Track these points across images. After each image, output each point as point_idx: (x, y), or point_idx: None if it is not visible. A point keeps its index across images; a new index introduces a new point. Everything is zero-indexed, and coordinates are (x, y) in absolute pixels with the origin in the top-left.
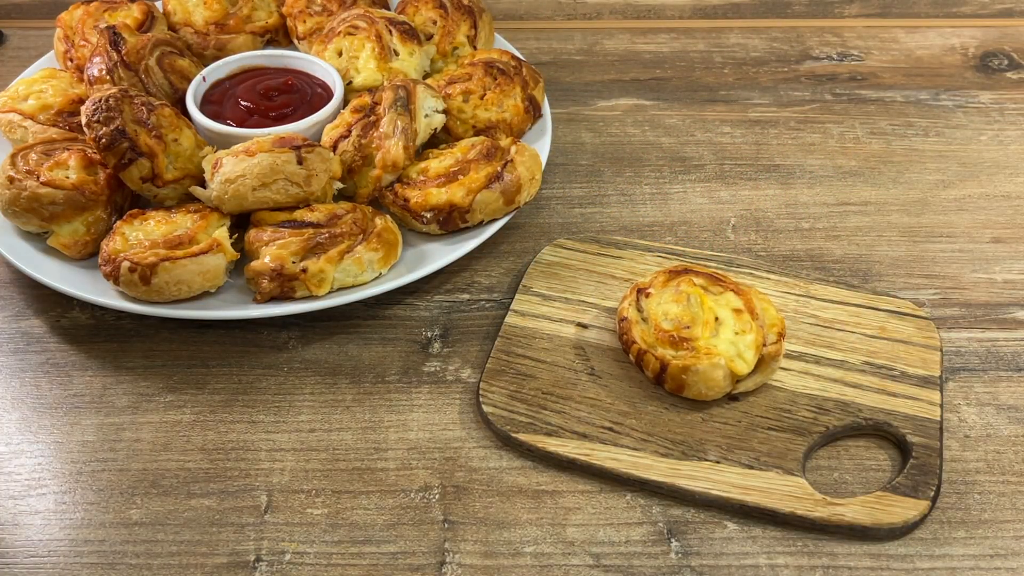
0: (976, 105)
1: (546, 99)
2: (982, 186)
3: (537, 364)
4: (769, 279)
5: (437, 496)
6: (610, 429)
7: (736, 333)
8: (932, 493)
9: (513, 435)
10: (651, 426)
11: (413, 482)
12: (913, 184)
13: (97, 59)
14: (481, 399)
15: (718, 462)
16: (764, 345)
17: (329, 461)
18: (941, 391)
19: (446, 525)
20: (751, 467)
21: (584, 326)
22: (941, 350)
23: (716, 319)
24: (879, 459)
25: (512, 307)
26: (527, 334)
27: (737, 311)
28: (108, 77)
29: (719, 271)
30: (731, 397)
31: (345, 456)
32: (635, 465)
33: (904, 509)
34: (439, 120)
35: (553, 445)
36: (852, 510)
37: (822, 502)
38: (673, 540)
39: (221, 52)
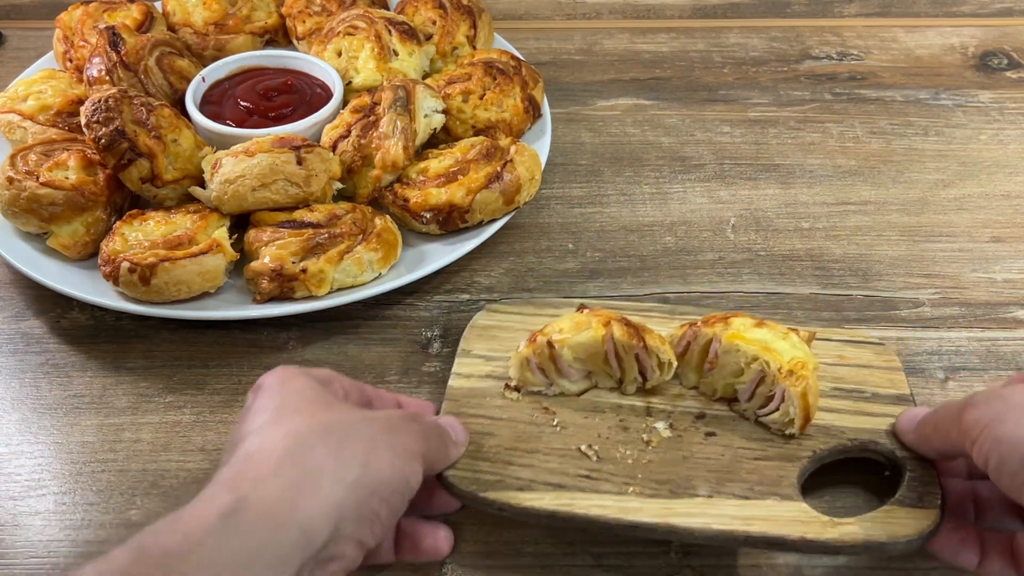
0: (976, 104)
1: (545, 99)
2: (982, 185)
3: (494, 422)
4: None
5: None
6: (587, 477)
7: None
8: (939, 501)
9: (480, 495)
10: (630, 470)
11: None
12: (913, 183)
13: (96, 59)
14: None
15: (711, 496)
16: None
17: None
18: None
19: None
20: (747, 497)
21: None
22: (903, 371)
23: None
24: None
25: (454, 371)
26: (476, 394)
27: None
28: (107, 77)
29: (639, 318)
30: (699, 416)
31: None
32: (623, 510)
33: (916, 520)
34: (438, 120)
35: (528, 500)
36: (864, 527)
37: (829, 524)
38: (674, 540)
39: (220, 52)
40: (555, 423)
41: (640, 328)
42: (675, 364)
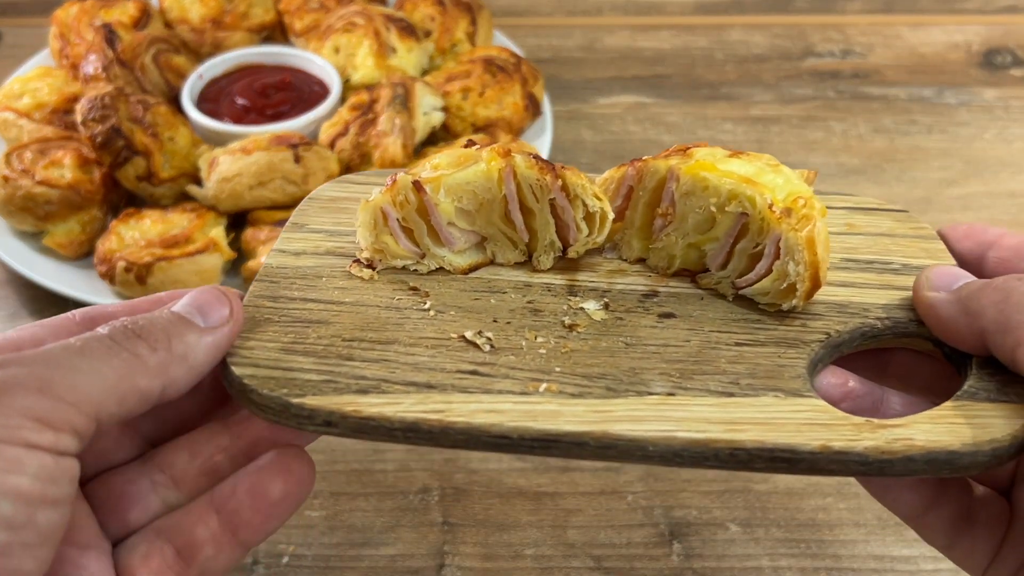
0: (980, 102)
1: (546, 96)
2: (986, 184)
3: (329, 307)
4: None
5: (436, 498)
6: (474, 373)
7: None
8: None
9: (295, 401)
10: (543, 363)
11: (412, 484)
12: (917, 182)
13: (92, 56)
14: (229, 359)
15: (671, 394)
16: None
17: (327, 463)
18: None
19: (445, 527)
20: (730, 394)
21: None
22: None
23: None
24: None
25: (275, 247)
26: (305, 275)
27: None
28: (103, 75)
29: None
30: (648, 295)
31: (343, 458)
32: (529, 415)
33: (1001, 419)
34: (438, 118)
35: (375, 406)
36: (922, 431)
37: (867, 426)
38: (675, 542)
39: (217, 49)
40: (427, 306)
41: (555, 164)
42: (611, 216)
